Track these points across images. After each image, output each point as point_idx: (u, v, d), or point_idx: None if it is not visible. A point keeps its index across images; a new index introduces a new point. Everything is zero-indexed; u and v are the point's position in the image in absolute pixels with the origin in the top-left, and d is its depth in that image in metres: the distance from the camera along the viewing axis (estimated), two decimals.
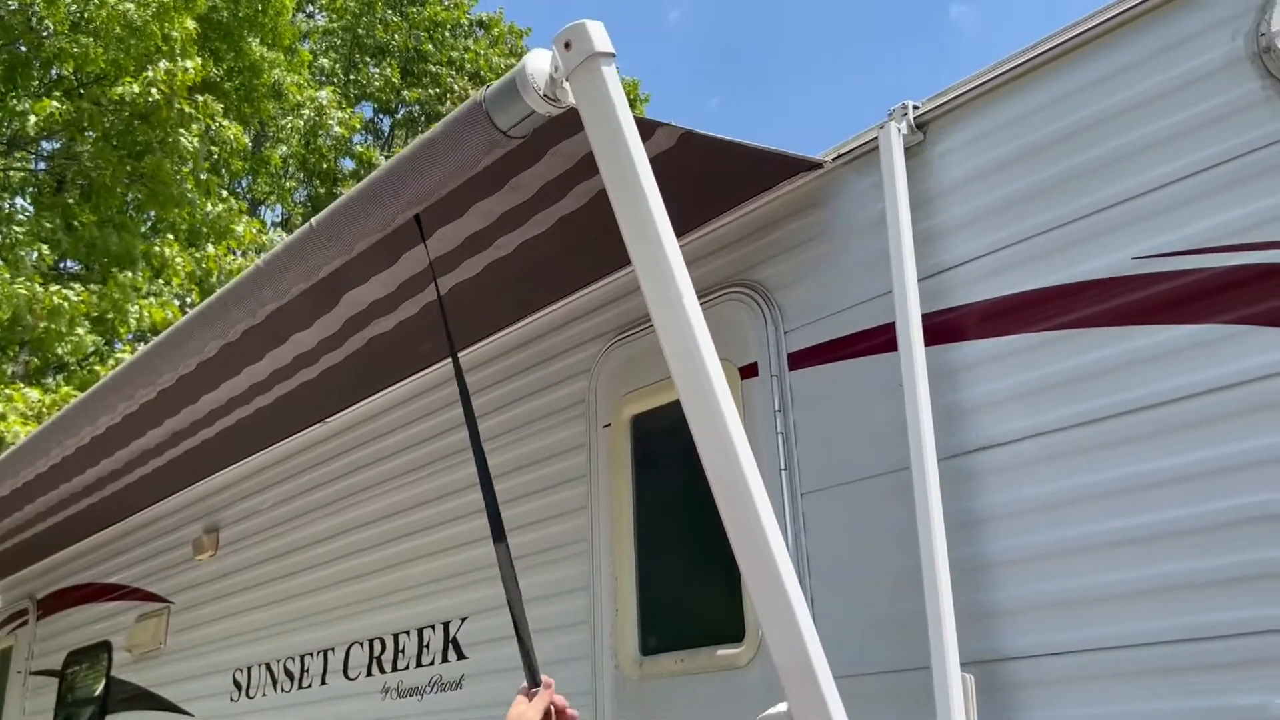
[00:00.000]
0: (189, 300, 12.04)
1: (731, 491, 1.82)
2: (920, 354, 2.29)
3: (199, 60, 10.67)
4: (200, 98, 10.89)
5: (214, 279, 11.18)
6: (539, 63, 1.97)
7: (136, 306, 10.50)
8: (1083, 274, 2.20)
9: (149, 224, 12.68)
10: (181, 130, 10.41)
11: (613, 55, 1.91)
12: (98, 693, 5.40)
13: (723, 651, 2.62)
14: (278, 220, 20.59)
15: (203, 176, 11.72)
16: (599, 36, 1.91)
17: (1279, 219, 1.96)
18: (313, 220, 2.54)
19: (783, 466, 2.64)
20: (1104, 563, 2.06)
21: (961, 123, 2.50)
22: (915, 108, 2.56)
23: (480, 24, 21.15)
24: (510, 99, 2.00)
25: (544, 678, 1.96)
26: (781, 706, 1.53)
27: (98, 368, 11.23)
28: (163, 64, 9.85)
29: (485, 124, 2.06)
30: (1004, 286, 2.32)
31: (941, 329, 2.36)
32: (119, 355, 11.25)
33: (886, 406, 2.44)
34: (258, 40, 13.41)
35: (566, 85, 1.96)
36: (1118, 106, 2.22)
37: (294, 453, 4.45)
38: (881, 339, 2.51)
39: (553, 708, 1.91)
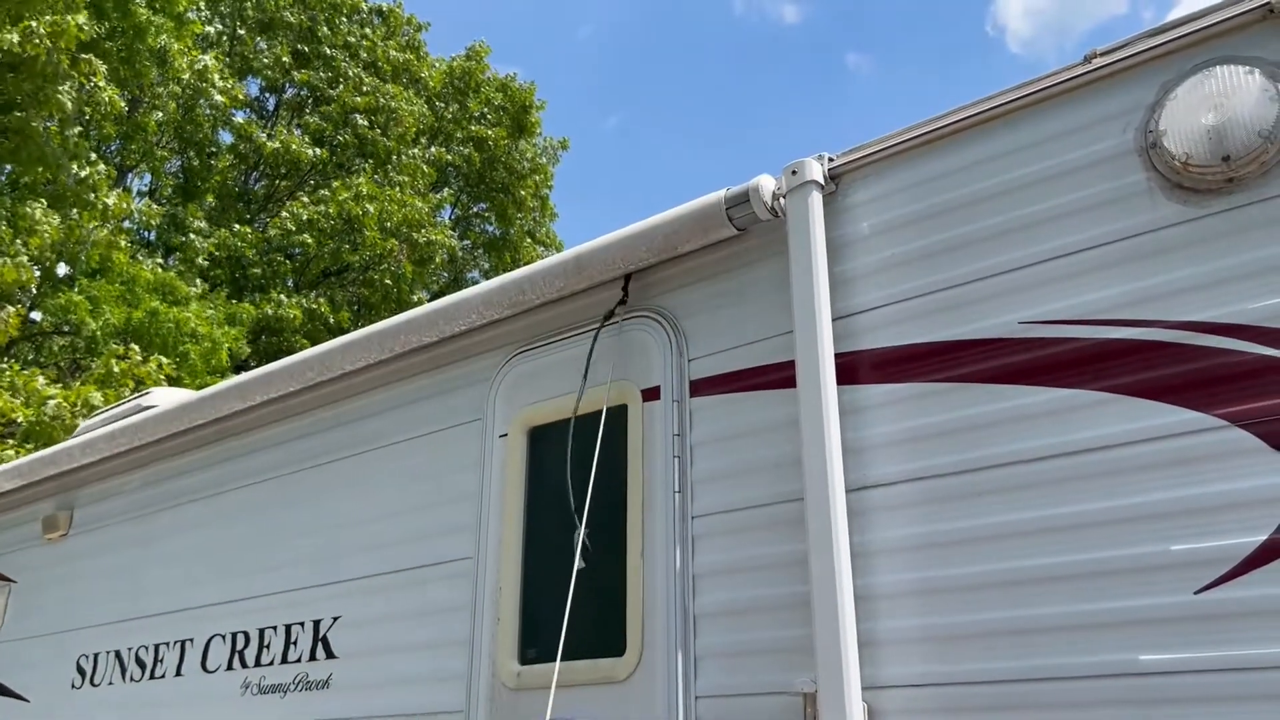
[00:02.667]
0: (44, 266, 11.44)
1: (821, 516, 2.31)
2: (832, 390, 2.42)
3: (87, 15, 10.17)
4: (83, 56, 10.37)
5: (77, 249, 10.65)
6: (767, 182, 2.71)
7: None
8: (973, 332, 2.37)
9: (5, 181, 11.99)
10: (60, 88, 9.89)
11: (822, 185, 2.65)
12: None
13: (604, 664, 2.68)
14: (145, 189, 19.72)
15: (72, 139, 11.14)
16: (815, 170, 2.65)
17: (1150, 300, 2.16)
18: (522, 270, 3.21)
19: (676, 489, 2.73)
20: (967, 603, 2.21)
21: (870, 179, 2.65)
22: (830, 159, 2.70)
23: (379, 13, 20.81)
24: (742, 201, 2.72)
25: None
26: None
27: None
28: (47, 16, 9.35)
29: (721, 215, 2.76)
30: (900, 336, 2.47)
31: (841, 370, 2.49)
32: None
33: (781, 439, 2.57)
34: (145, 2, 12.86)
35: (782, 201, 2.68)
36: (1017, 181, 2.40)
37: (161, 436, 4.30)
38: (781, 375, 2.63)
39: None
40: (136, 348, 12.23)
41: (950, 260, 2.44)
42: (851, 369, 2.50)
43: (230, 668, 3.67)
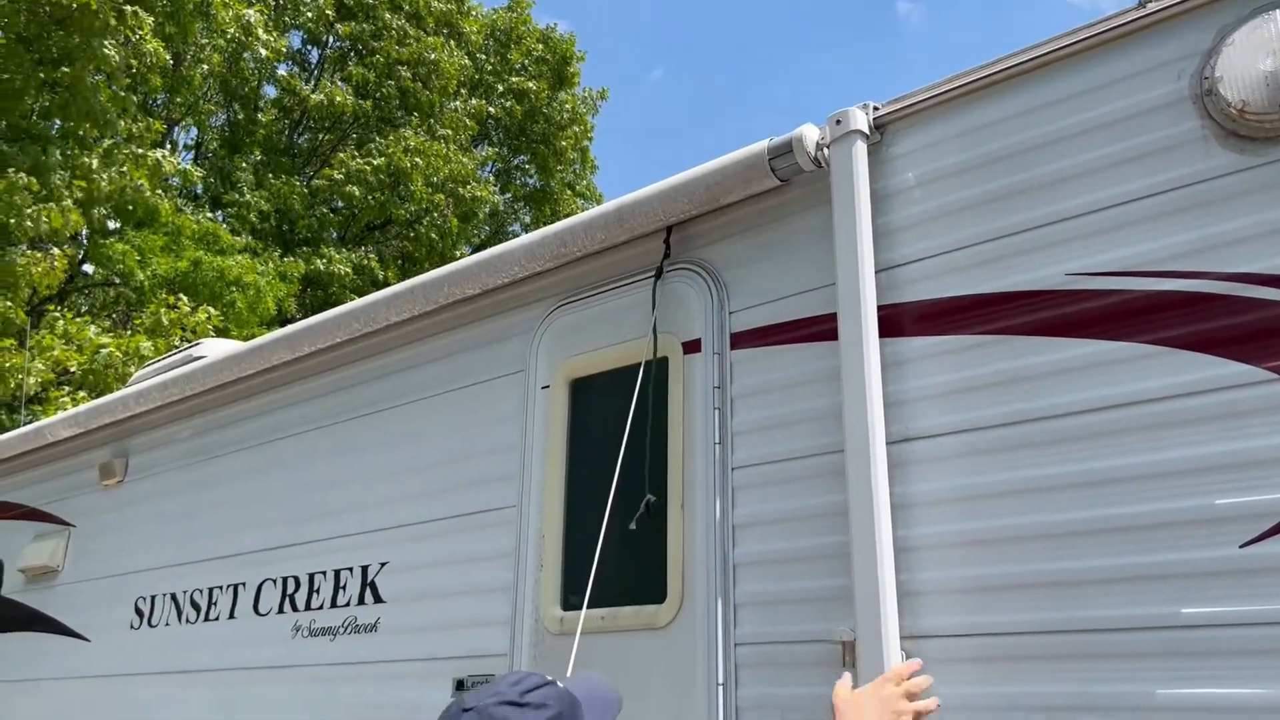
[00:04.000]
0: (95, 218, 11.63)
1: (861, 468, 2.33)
2: (874, 342, 2.42)
3: None
4: (129, 8, 10.44)
5: (125, 202, 10.81)
6: (811, 131, 2.69)
7: (35, 209, 10.09)
8: (1019, 284, 2.34)
9: (58, 136, 12.16)
10: (108, 41, 9.98)
11: (867, 135, 2.61)
12: None
13: (645, 610, 2.73)
14: (191, 142, 19.92)
15: (120, 92, 11.26)
16: (860, 119, 2.61)
17: (1202, 251, 2.12)
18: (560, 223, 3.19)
19: (716, 440, 2.75)
20: (1007, 555, 2.21)
21: (917, 129, 2.62)
22: (875, 108, 2.67)
23: None
24: (785, 152, 2.71)
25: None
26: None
27: None
28: None
29: (764, 166, 2.75)
30: (944, 289, 2.45)
31: (884, 322, 2.48)
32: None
33: (822, 392, 2.57)
34: None
35: (826, 151, 2.66)
36: (1067, 129, 2.36)
37: (211, 387, 4.39)
38: (823, 327, 2.63)
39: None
40: (185, 298, 12.45)
41: (997, 211, 2.41)
42: (894, 321, 2.49)
43: (281, 611, 3.78)
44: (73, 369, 11.66)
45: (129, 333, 12.48)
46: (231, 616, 3.96)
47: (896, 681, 2.12)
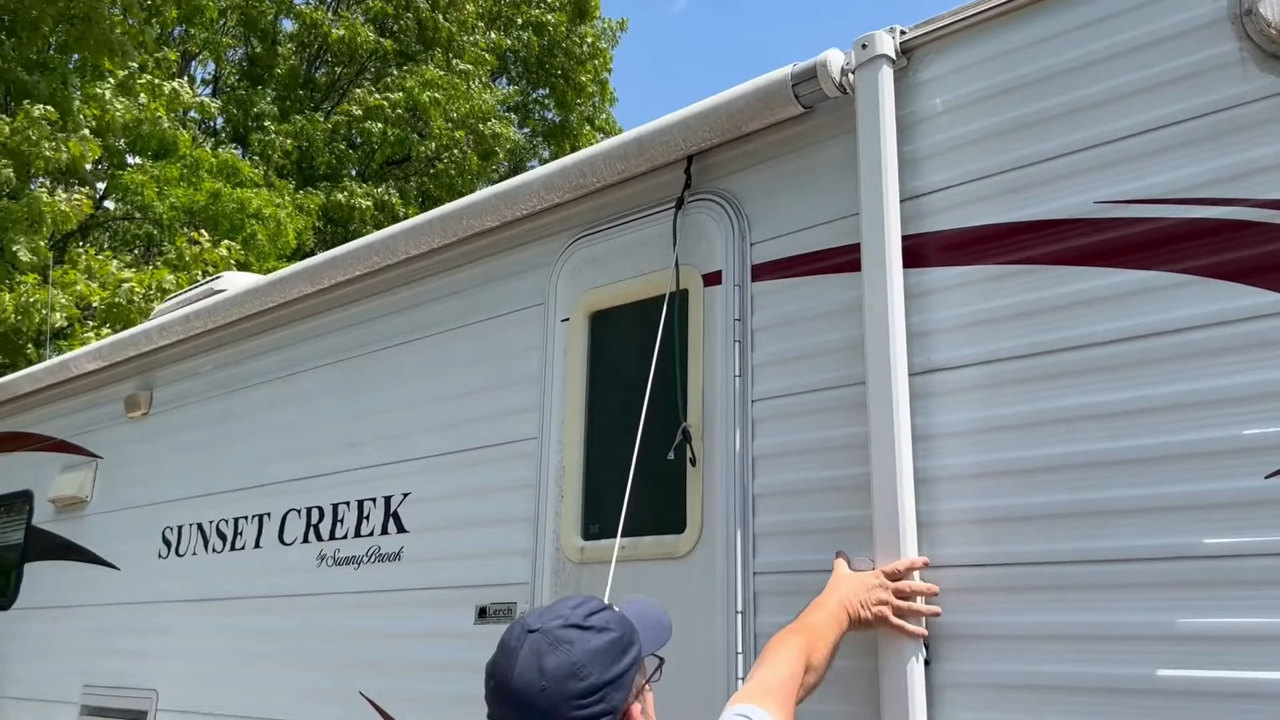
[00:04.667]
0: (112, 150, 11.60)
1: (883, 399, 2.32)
2: (898, 273, 2.39)
3: None
4: None
5: (144, 132, 10.78)
6: (836, 56, 2.63)
7: (55, 141, 10.08)
8: (1046, 213, 2.30)
9: (74, 69, 12.10)
10: None
11: (894, 60, 2.55)
12: (16, 541, 5.38)
13: (664, 540, 2.74)
14: (208, 77, 19.78)
15: (136, 25, 11.16)
16: (886, 43, 2.55)
17: (1236, 177, 2.07)
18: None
19: (736, 373, 2.73)
20: (1030, 485, 2.20)
21: (944, 53, 2.55)
22: (902, 32, 2.60)
23: None
24: (809, 77, 2.65)
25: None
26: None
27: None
28: None
29: (786, 92, 2.69)
30: (970, 217, 2.41)
31: (908, 253, 2.45)
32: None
33: (844, 324, 2.55)
34: None
35: (851, 77, 2.60)
36: (1098, 53, 2.29)
37: (232, 320, 4.41)
38: (845, 258, 2.59)
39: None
40: (205, 233, 12.47)
41: (1025, 138, 2.36)
42: (919, 251, 2.46)
43: (306, 540, 3.83)
44: (95, 304, 11.75)
45: (150, 267, 12.54)
46: (257, 546, 4.02)
47: (892, 574, 2.16)
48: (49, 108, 10.03)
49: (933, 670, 2.19)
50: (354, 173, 18.47)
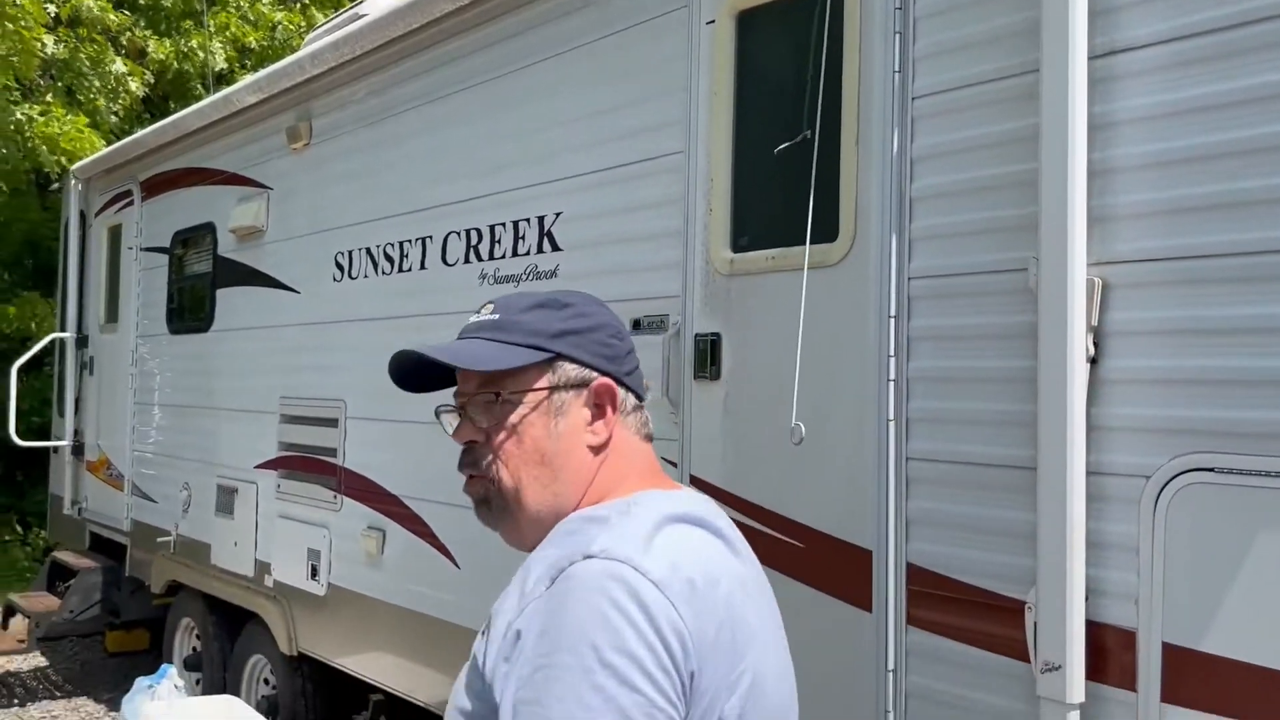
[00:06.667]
0: None
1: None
2: None
3: None
4: None
5: None
6: None
7: None
8: None
9: None
10: None
11: None
12: (206, 270, 5.79)
13: (815, 249, 2.70)
14: None
15: None
16: None
17: None
18: None
19: (896, 68, 2.56)
20: (1213, 173, 2.02)
21: None
22: None
23: None
24: None
25: None
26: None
27: None
28: None
29: None
30: None
31: None
32: None
33: (1016, 5, 2.32)
34: None
35: None
36: None
37: (378, 44, 4.39)
38: None
39: None
40: None
41: None
42: None
43: (467, 261, 3.96)
44: (251, 45, 11.94)
45: (297, 4, 12.57)
46: (423, 268, 4.19)
47: None
48: None
49: (1099, 367, 2.13)
50: None
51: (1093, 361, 2.12)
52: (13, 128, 8.80)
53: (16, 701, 6.55)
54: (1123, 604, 2.08)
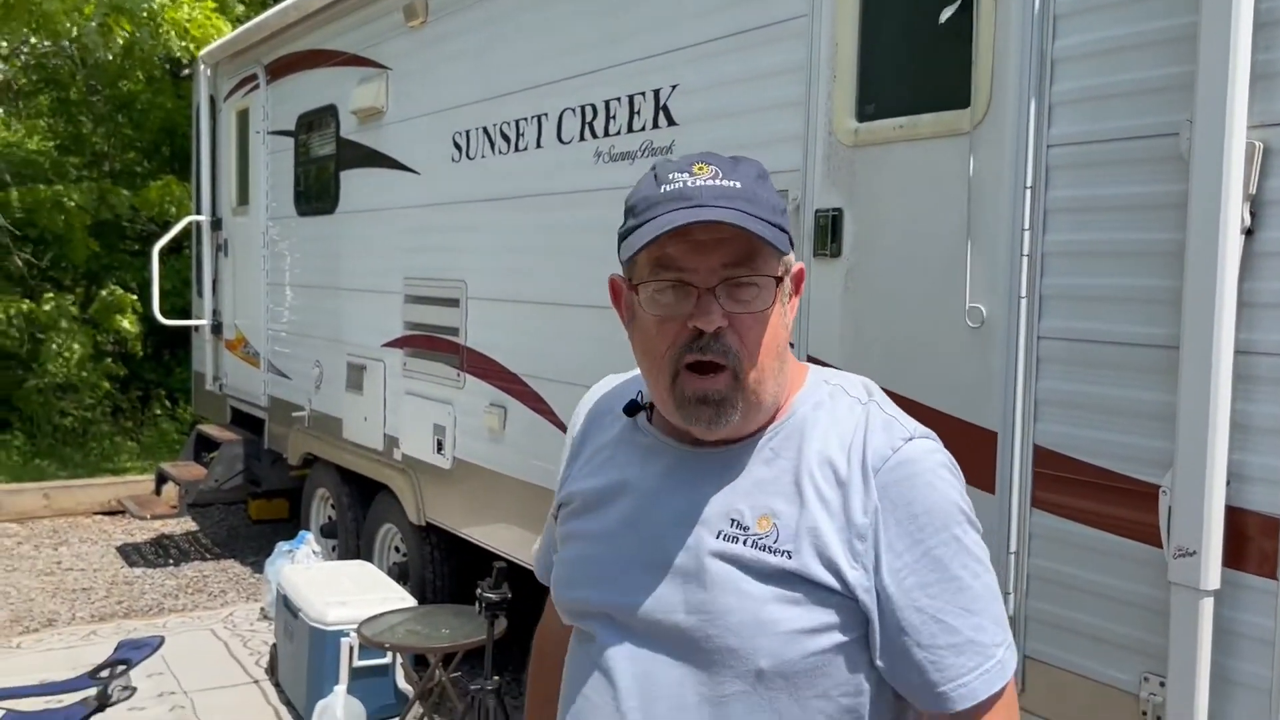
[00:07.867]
0: None
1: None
2: None
3: None
4: None
5: None
6: None
7: None
8: None
9: None
10: None
11: None
12: (330, 152, 5.88)
13: (946, 116, 2.56)
14: None
15: None
16: None
17: None
18: None
19: None
20: None
21: None
22: None
23: None
24: None
25: None
26: None
27: None
28: None
29: None
30: None
31: None
32: None
33: None
34: None
35: None
36: None
37: None
38: None
39: None
40: None
41: None
42: None
43: (583, 139, 3.91)
44: None
45: None
46: (539, 146, 4.16)
47: None
48: None
49: (1255, 239, 1.98)
50: None
51: (1248, 233, 1.97)
52: (145, 14, 8.98)
53: (172, 562, 7.06)
54: (1267, 489, 1.97)
